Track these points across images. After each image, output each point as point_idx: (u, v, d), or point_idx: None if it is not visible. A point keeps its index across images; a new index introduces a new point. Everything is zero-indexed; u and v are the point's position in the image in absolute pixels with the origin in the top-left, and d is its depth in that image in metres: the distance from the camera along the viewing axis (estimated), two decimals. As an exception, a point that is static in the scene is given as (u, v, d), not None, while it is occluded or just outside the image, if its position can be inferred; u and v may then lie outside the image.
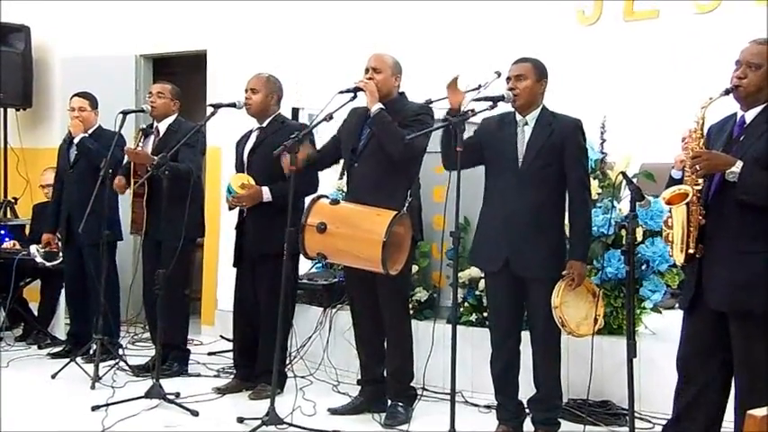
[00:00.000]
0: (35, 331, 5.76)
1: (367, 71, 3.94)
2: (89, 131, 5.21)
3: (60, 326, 5.79)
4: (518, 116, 3.56)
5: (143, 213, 4.78)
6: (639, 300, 4.16)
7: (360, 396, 4.17)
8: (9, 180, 6.97)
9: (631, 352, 2.93)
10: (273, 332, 3.92)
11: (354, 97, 3.87)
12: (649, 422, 3.79)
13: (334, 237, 3.72)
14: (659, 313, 4.26)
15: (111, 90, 5.69)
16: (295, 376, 4.45)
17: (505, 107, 3.56)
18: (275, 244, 3.95)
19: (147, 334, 5.38)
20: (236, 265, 4.55)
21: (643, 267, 4.15)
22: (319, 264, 5.05)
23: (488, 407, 4.02)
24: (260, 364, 4.39)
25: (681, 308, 3.12)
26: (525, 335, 3.62)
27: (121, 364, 4.82)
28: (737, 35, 3.10)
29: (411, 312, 4.56)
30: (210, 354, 5.35)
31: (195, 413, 4.04)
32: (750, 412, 1.47)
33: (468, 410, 4.09)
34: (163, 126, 4.93)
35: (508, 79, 3.55)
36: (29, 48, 6.80)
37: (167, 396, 4.15)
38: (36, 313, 5.89)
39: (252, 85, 4.45)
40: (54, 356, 5.26)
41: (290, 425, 3.73)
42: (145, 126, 5.06)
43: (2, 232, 5.93)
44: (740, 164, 2.81)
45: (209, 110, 4.44)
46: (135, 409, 4.03)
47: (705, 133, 2.97)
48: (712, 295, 2.90)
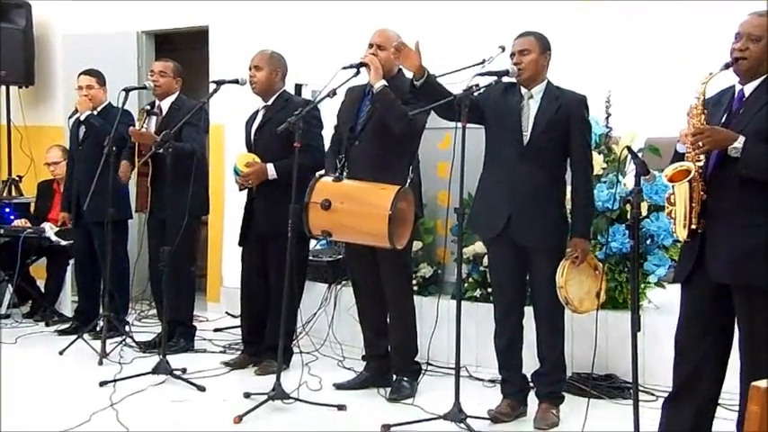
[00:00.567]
0: (42, 308, 5.80)
1: (371, 46, 3.92)
2: (98, 109, 5.21)
3: (67, 303, 5.83)
4: (523, 89, 3.55)
5: (147, 191, 4.79)
6: (644, 274, 4.17)
7: (365, 371, 4.20)
8: (13, 158, 6.97)
9: (635, 326, 2.93)
10: (280, 308, 3.93)
11: (358, 73, 3.85)
12: (653, 395, 3.81)
13: (338, 213, 3.72)
14: (663, 288, 4.28)
15: (113, 67, 5.65)
16: (301, 352, 4.48)
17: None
18: (283, 223, 3.96)
19: (154, 311, 5.42)
20: (241, 244, 4.56)
21: (648, 242, 4.16)
22: (324, 240, 5.06)
23: (493, 381, 4.04)
24: (267, 340, 4.42)
25: (676, 281, 3.12)
26: (528, 309, 3.63)
27: (128, 341, 4.85)
28: (742, 9, 3.07)
29: (416, 288, 4.59)
30: (216, 330, 5.39)
31: (202, 388, 4.07)
32: (754, 384, 1.49)
33: (472, 385, 4.13)
34: (165, 104, 4.92)
35: (512, 54, 3.53)
36: (30, 24, 6.76)
37: (174, 372, 4.19)
38: (43, 291, 5.92)
39: (256, 63, 4.43)
40: (61, 333, 5.30)
41: (297, 400, 3.76)
42: (147, 105, 5.05)
43: (7, 210, 5.95)
44: (742, 139, 2.80)
45: (211, 86, 4.43)
46: (142, 385, 4.07)
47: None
48: (715, 268, 2.90)
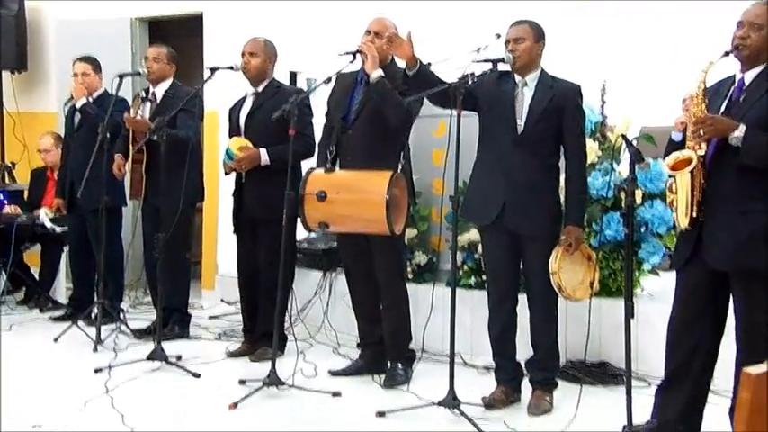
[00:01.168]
0: (37, 295, 5.80)
1: (368, 33, 3.90)
2: (94, 96, 5.18)
3: (61, 290, 5.83)
4: (517, 77, 3.55)
5: (142, 179, 4.78)
6: (638, 262, 4.19)
7: (360, 358, 4.22)
8: (6, 145, 6.95)
9: (629, 313, 2.95)
10: (273, 296, 3.95)
11: (353, 60, 3.83)
12: (646, 382, 3.83)
13: (334, 204, 3.72)
14: (657, 275, 4.29)
15: (106, 53, 5.63)
16: (296, 339, 4.49)
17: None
18: (275, 208, 3.96)
19: (148, 298, 5.41)
20: (236, 232, 4.56)
21: (642, 230, 4.17)
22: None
23: (487, 368, 4.06)
24: (260, 328, 4.43)
25: (672, 267, 3.14)
26: (522, 297, 3.64)
27: (123, 328, 4.85)
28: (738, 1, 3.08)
29: (411, 276, 4.61)
30: (211, 317, 5.39)
31: (197, 375, 4.08)
32: (746, 370, 1.49)
33: (466, 372, 4.14)
34: (159, 91, 4.91)
35: (507, 42, 3.53)
36: (23, 10, 6.72)
37: (169, 359, 4.20)
38: (37, 278, 5.92)
39: (250, 49, 4.41)
40: (56, 320, 5.31)
41: (292, 386, 3.77)
42: (142, 92, 5.03)
43: (0, 197, 5.93)
44: (743, 127, 2.81)
45: (206, 73, 4.42)
46: (137, 372, 4.08)
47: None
48: (712, 255, 2.91)
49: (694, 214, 2.90)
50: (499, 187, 3.51)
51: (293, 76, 5.64)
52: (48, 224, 5.48)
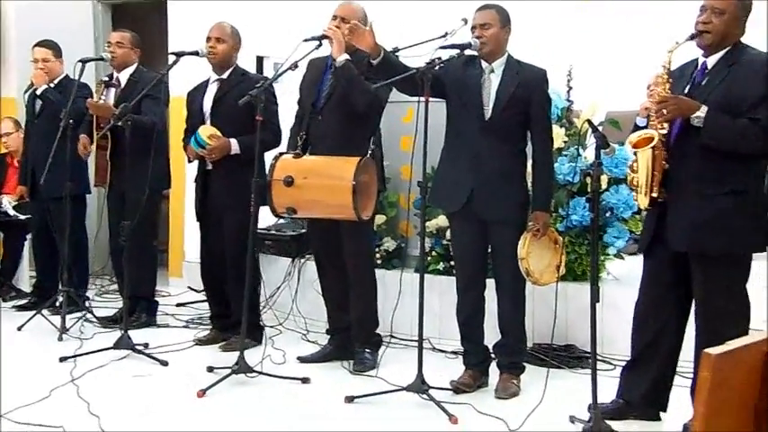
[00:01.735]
0: (-1, 284, 5.71)
1: (335, 18, 3.88)
2: (55, 81, 5.09)
3: (24, 278, 5.74)
4: (484, 63, 3.55)
5: (107, 165, 4.72)
6: (603, 246, 4.23)
7: (329, 344, 4.22)
8: (-35, 131, 6.79)
9: (595, 297, 2.99)
10: (241, 283, 3.93)
11: (320, 45, 3.81)
12: (611, 364, 3.89)
13: (302, 189, 3.71)
14: (622, 259, 4.35)
15: (68, 37, 5.53)
16: (264, 326, 4.48)
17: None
18: (241, 196, 3.94)
19: (115, 286, 5.36)
20: (199, 220, 4.52)
21: (607, 214, 4.22)
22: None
23: (455, 353, 4.09)
24: (234, 316, 4.36)
25: (639, 251, 3.19)
26: (490, 282, 3.67)
27: (89, 316, 4.80)
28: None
29: (379, 262, 4.61)
30: (179, 305, 5.36)
31: (165, 363, 4.05)
32: (705, 351, 1.52)
33: (435, 357, 4.17)
34: (124, 76, 4.84)
35: (473, 28, 3.53)
36: (-19, -7, 6.58)
37: (136, 347, 4.16)
38: (-1, 266, 5.83)
39: (217, 34, 4.36)
40: (19, 309, 5.23)
41: (260, 373, 3.76)
42: (105, 77, 4.95)
43: (-41, 184, 5.82)
44: (705, 108, 2.85)
45: (170, 58, 4.35)
46: (103, 360, 4.04)
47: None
48: (673, 236, 2.96)
49: (654, 194, 2.93)
50: (467, 174, 3.52)
51: (260, 61, 5.59)
52: (10, 212, 5.40)
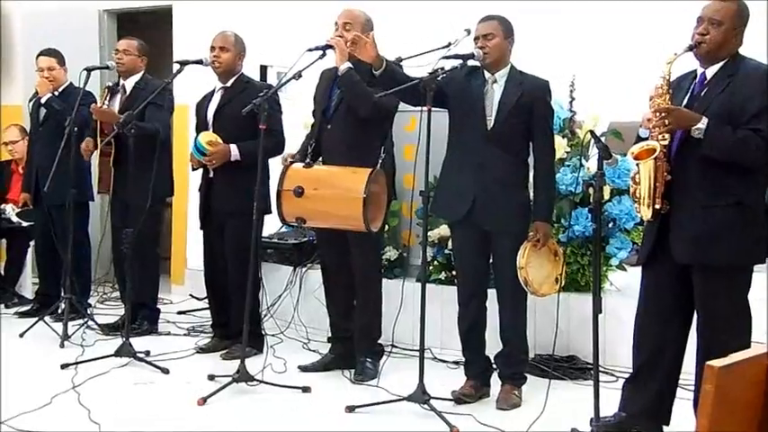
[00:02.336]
0: (2, 290, 5.70)
1: (338, 25, 3.89)
2: (59, 89, 5.11)
3: (27, 285, 5.75)
4: (486, 74, 3.56)
5: (110, 172, 4.73)
6: (606, 257, 4.23)
7: (330, 353, 4.21)
8: (-29, 138, 6.82)
9: (597, 308, 2.98)
10: (242, 291, 3.93)
11: (324, 55, 3.81)
12: (613, 375, 3.88)
13: (312, 199, 3.71)
14: (624, 270, 4.34)
15: (74, 46, 5.55)
16: (266, 334, 4.48)
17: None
18: (242, 203, 3.95)
19: (117, 293, 5.36)
20: (202, 227, 4.53)
21: (610, 225, 4.22)
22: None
23: (456, 363, 4.08)
24: (235, 325, 4.37)
25: (639, 263, 3.18)
26: (492, 292, 3.66)
27: (90, 324, 4.80)
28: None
29: (381, 271, 4.60)
30: (180, 312, 5.36)
31: (166, 371, 4.05)
32: (708, 363, 1.51)
33: (436, 366, 4.15)
34: (130, 83, 4.86)
35: (476, 38, 3.53)
36: (-12, 1, 6.62)
37: (137, 354, 4.16)
38: (2, 272, 5.83)
39: (221, 43, 4.37)
40: (22, 315, 5.24)
41: (261, 382, 3.76)
42: (111, 83, 4.97)
43: (-35, 192, 5.83)
44: (705, 120, 2.84)
45: (175, 67, 4.37)
46: (105, 368, 4.04)
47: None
48: (676, 249, 2.95)
49: (657, 206, 2.92)
50: (469, 183, 3.52)
51: (264, 70, 5.60)
52: (14, 219, 5.41)
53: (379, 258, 4.20)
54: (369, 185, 3.63)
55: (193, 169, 4.46)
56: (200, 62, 4.35)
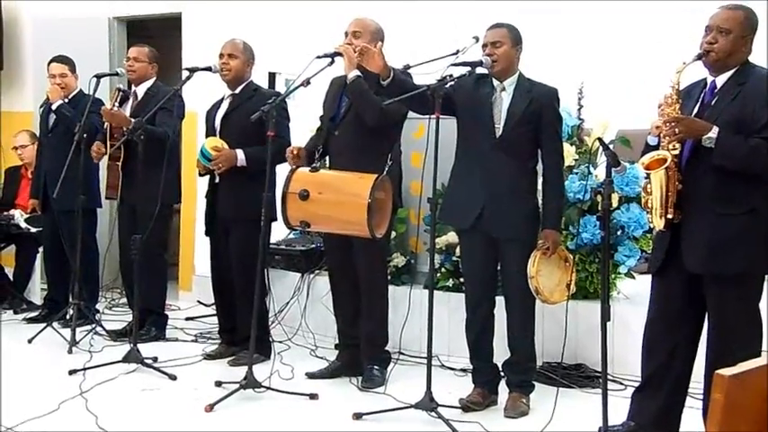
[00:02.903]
0: (11, 296, 5.73)
1: (347, 35, 3.90)
2: (70, 96, 5.14)
3: (36, 291, 5.76)
4: (495, 81, 3.56)
5: (119, 178, 4.75)
6: (614, 265, 4.21)
7: (337, 360, 4.20)
8: (-19, 144, 6.86)
9: (605, 316, 2.97)
10: (248, 298, 3.93)
11: (332, 62, 3.82)
12: (622, 384, 3.86)
13: (316, 203, 3.71)
14: (633, 278, 4.32)
15: (84, 53, 5.58)
16: (273, 341, 4.48)
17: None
18: (248, 209, 3.96)
19: (125, 299, 5.37)
20: (208, 234, 4.53)
21: (618, 233, 4.20)
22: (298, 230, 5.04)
23: (464, 370, 4.07)
24: (241, 331, 4.37)
25: (649, 272, 3.16)
26: (500, 299, 3.65)
27: (98, 330, 4.81)
28: (714, 2, 3.10)
29: (389, 278, 4.59)
30: (188, 319, 5.36)
31: (173, 377, 4.05)
32: (718, 372, 1.50)
33: (444, 374, 4.15)
34: (141, 90, 4.88)
35: (484, 46, 3.53)
36: (-1, 8, 6.66)
37: (145, 360, 4.16)
38: (11, 278, 5.85)
39: (229, 51, 4.39)
40: (30, 321, 5.25)
41: (268, 388, 3.76)
42: (121, 86, 4.98)
43: (-26, 197, 5.86)
44: (716, 129, 2.83)
45: (184, 74, 4.39)
46: (113, 374, 4.04)
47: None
48: (688, 258, 2.93)
49: (669, 216, 2.91)
50: (478, 191, 3.52)
51: (272, 77, 5.62)
52: (22, 224, 5.44)
53: (384, 265, 4.20)
54: (374, 191, 3.63)
55: (201, 175, 4.47)
56: (208, 69, 4.36)
